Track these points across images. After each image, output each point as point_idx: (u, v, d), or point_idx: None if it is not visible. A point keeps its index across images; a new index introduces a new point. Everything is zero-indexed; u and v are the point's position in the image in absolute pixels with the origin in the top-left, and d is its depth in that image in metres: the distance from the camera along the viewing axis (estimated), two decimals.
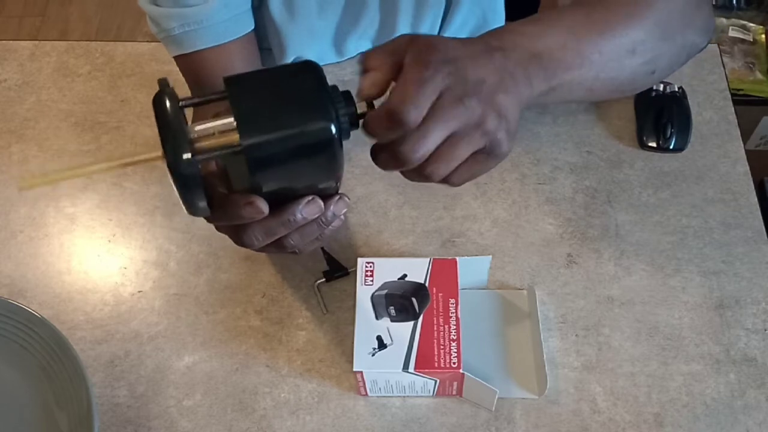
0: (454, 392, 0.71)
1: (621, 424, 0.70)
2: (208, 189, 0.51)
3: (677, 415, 0.70)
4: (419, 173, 0.53)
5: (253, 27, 0.81)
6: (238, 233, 0.57)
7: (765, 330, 0.75)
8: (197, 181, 0.49)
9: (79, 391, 0.66)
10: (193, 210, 0.51)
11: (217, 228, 0.61)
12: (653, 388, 0.71)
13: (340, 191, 0.57)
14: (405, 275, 0.71)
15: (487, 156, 0.53)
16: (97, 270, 0.80)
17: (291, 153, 0.49)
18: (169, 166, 0.48)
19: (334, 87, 0.51)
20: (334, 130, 0.49)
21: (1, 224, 0.83)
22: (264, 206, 0.53)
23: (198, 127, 0.49)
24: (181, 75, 0.82)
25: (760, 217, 0.82)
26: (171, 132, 0.48)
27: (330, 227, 0.59)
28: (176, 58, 0.79)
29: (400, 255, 0.79)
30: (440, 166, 0.52)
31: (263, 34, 0.88)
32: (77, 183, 0.86)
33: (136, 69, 0.95)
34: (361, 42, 0.92)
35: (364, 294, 0.70)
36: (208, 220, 0.56)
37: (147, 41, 0.97)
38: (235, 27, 0.78)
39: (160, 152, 0.49)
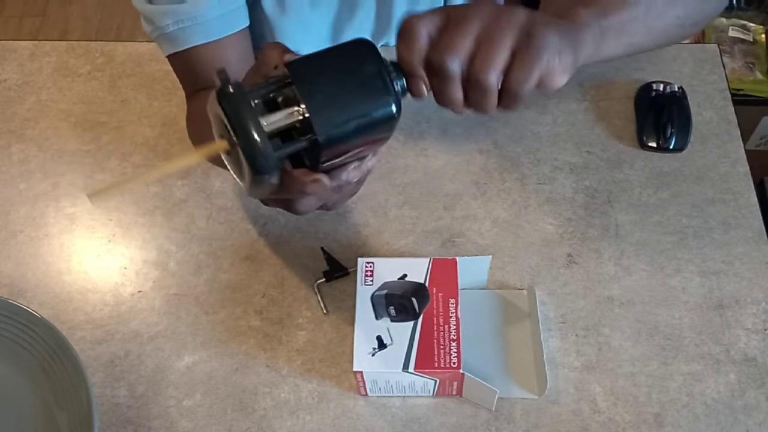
0: (454, 392, 0.71)
1: (621, 424, 0.70)
2: None
3: (677, 415, 0.70)
4: (473, 80, 0.52)
5: (247, 23, 0.81)
6: (293, 204, 0.58)
7: (765, 330, 0.75)
8: (274, 171, 0.49)
9: (79, 391, 0.66)
10: (259, 194, 0.52)
11: (265, 201, 0.61)
12: (653, 388, 0.71)
13: None
14: (405, 275, 0.71)
15: (528, 51, 0.52)
16: (97, 270, 0.80)
17: (357, 135, 0.51)
18: (248, 162, 0.48)
19: (385, 61, 0.52)
20: (395, 109, 0.51)
21: (1, 224, 0.83)
22: (328, 182, 0.54)
23: (270, 119, 0.49)
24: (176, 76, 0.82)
25: (760, 217, 0.82)
26: (247, 127, 0.48)
27: (362, 183, 0.60)
28: (170, 57, 0.79)
29: (400, 255, 0.79)
30: (484, 64, 0.51)
31: (259, 32, 0.88)
32: (77, 183, 0.86)
33: (136, 69, 0.95)
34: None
35: (364, 294, 0.70)
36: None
37: (147, 41, 0.96)
38: (229, 23, 0.78)
39: (225, 145, 0.49)
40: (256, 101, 0.49)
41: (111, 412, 0.71)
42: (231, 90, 0.49)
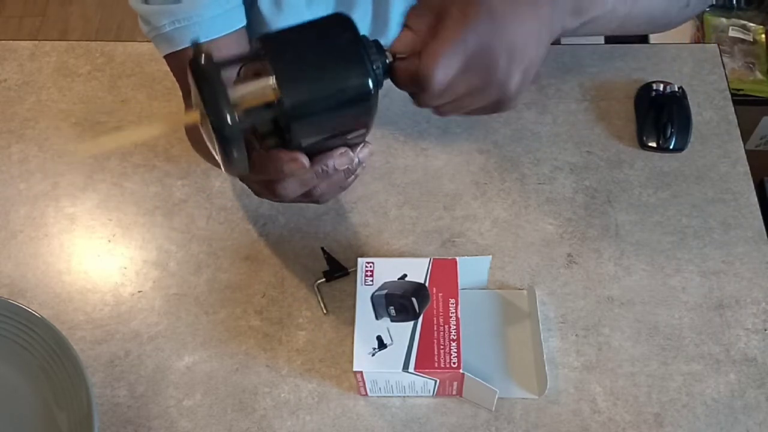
0: (454, 392, 0.71)
1: (621, 424, 0.70)
2: (246, 146, 0.51)
3: (677, 415, 0.70)
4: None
5: (244, 23, 0.80)
6: (273, 187, 0.58)
7: (765, 330, 0.75)
8: (240, 141, 0.49)
9: (79, 391, 0.66)
10: (233, 168, 0.51)
11: (244, 180, 0.61)
12: (653, 388, 0.71)
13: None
14: (405, 275, 0.71)
15: (493, 109, 0.55)
16: (97, 270, 0.80)
17: (330, 109, 0.50)
18: (213, 129, 0.48)
19: (365, 37, 0.51)
20: (371, 84, 0.50)
21: (1, 224, 0.83)
22: (307, 162, 0.54)
23: (239, 88, 0.49)
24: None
25: (760, 217, 0.82)
26: (213, 94, 0.47)
27: (354, 175, 0.60)
28: (167, 57, 0.79)
29: (400, 255, 0.79)
30: (449, 112, 0.54)
31: (256, 33, 0.88)
32: (77, 183, 0.86)
33: (136, 69, 0.95)
34: None
35: (364, 294, 0.70)
36: (243, 176, 0.57)
37: (147, 41, 0.96)
38: (226, 22, 0.78)
39: (197, 115, 0.49)
40: (224, 71, 0.48)
41: (111, 412, 0.71)
42: (202, 60, 0.48)
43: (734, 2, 1.69)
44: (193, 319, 0.77)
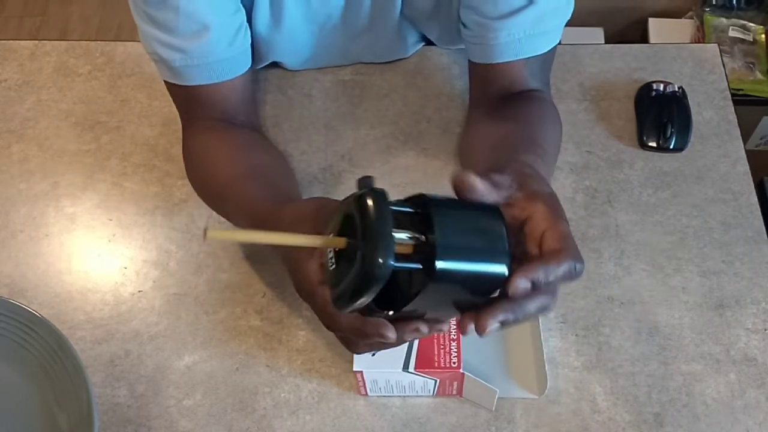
0: (454, 392, 0.71)
1: (621, 424, 0.70)
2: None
3: (677, 415, 0.70)
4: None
5: (249, 65, 0.80)
6: (350, 343, 0.59)
7: (765, 330, 0.75)
8: (380, 286, 0.49)
9: (79, 390, 0.66)
10: (348, 305, 0.51)
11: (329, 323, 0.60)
12: (653, 388, 0.71)
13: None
14: None
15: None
16: (97, 270, 0.80)
17: (463, 286, 0.51)
18: (365, 267, 0.48)
19: (507, 228, 0.54)
20: (507, 273, 0.51)
21: (1, 224, 0.83)
22: (393, 335, 0.54)
23: (399, 234, 0.50)
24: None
25: (760, 217, 0.82)
26: (379, 233, 0.48)
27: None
28: (168, 83, 0.79)
29: None
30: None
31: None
32: (78, 183, 0.86)
33: (136, 69, 0.95)
34: None
35: None
36: (335, 327, 0.57)
37: None
38: (236, 66, 0.77)
39: (342, 242, 0.50)
40: (393, 214, 0.50)
41: (111, 412, 0.71)
42: (376, 195, 0.50)
43: (734, 2, 1.69)
44: (193, 318, 0.77)
